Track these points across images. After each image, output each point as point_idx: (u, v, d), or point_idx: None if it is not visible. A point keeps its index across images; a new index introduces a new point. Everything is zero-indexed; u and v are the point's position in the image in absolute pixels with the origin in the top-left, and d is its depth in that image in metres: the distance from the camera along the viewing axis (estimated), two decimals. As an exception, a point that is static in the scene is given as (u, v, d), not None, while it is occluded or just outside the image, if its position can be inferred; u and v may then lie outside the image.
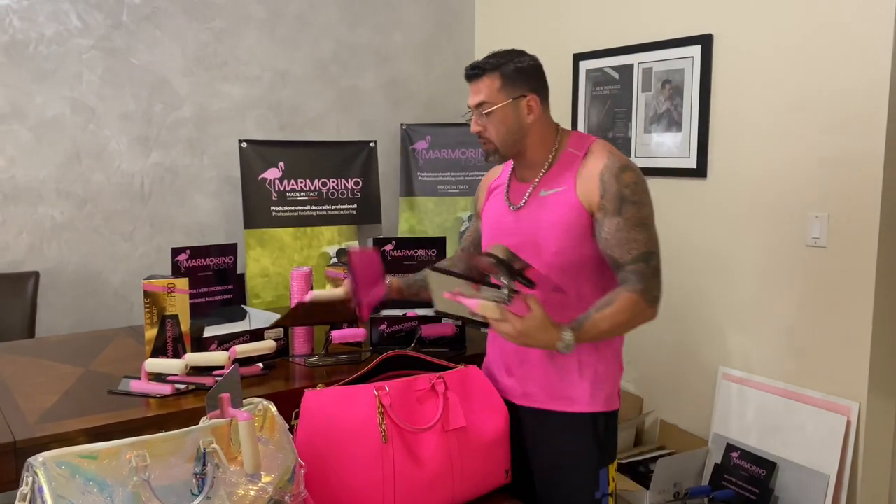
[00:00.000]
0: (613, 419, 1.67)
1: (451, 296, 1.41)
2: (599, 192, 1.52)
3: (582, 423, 1.61)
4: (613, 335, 1.55)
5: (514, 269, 1.38)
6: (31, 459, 1.06)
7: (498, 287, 1.42)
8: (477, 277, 1.47)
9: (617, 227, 1.51)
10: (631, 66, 2.95)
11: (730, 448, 2.57)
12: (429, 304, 1.66)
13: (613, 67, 3.03)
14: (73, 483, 1.06)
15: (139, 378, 1.64)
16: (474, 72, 1.60)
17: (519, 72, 1.59)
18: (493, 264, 1.38)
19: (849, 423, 2.28)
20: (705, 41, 2.66)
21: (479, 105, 1.59)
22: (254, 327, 1.90)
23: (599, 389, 1.62)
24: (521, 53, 1.61)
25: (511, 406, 1.66)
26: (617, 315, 1.48)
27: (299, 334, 1.96)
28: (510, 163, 1.71)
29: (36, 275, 2.77)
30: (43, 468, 1.05)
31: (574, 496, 1.62)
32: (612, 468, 1.67)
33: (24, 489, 1.06)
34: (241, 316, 2.06)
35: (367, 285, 1.69)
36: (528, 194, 1.61)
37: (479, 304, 1.39)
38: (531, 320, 1.40)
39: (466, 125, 1.72)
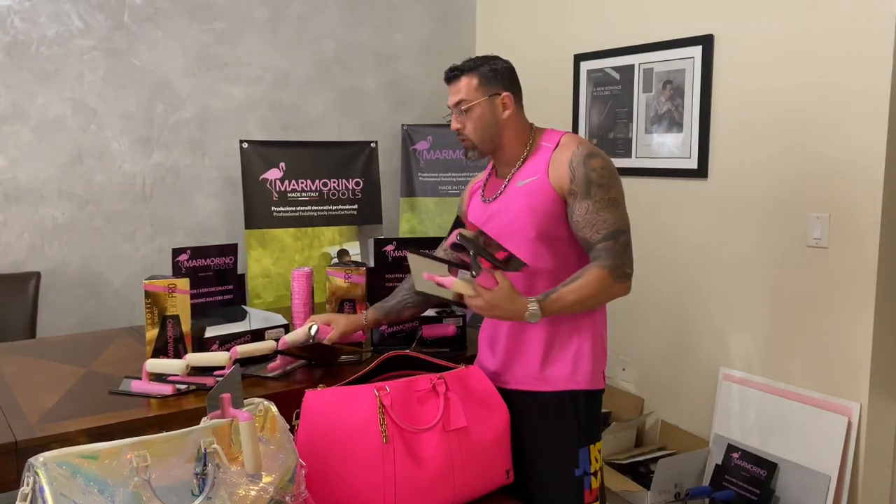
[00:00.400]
0: (595, 399, 1.72)
1: (429, 276, 1.52)
2: (569, 178, 1.62)
3: (561, 403, 1.67)
4: (582, 308, 1.62)
5: (480, 246, 1.47)
6: (31, 459, 1.07)
7: (468, 267, 1.53)
8: (455, 261, 1.57)
9: (587, 209, 1.61)
10: (632, 67, 2.95)
11: (731, 448, 2.57)
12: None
13: (614, 68, 3.03)
14: (74, 483, 1.06)
15: (140, 378, 1.64)
16: (453, 73, 1.73)
17: (494, 72, 1.71)
18: (461, 241, 1.47)
19: (850, 423, 2.28)
20: (706, 42, 2.66)
21: (458, 103, 1.71)
22: (254, 327, 1.90)
23: (579, 369, 1.68)
24: (496, 58, 1.74)
25: (501, 392, 1.69)
26: (584, 288, 1.57)
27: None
28: (490, 167, 1.83)
29: (37, 275, 2.77)
30: (44, 468, 1.05)
31: (553, 474, 1.67)
32: (595, 448, 1.70)
33: (25, 489, 1.06)
34: (242, 316, 2.06)
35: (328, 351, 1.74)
36: (503, 187, 1.72)
37: (452, 282, 1.50)
38: (498, 291, 1.51)
39: None
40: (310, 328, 1.74)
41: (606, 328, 1.76)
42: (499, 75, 1.71)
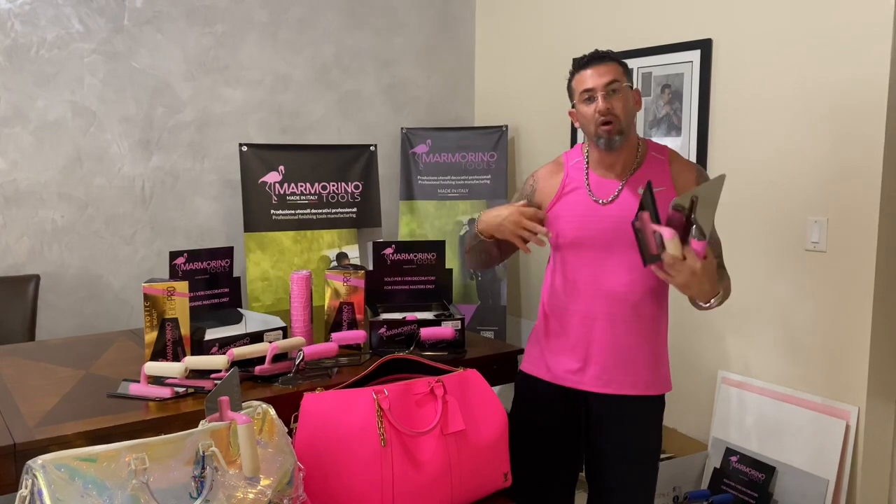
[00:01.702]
0: None
1: (650, 221, 1.46)
2: None
3: (656, 407, 1.76)
4: (712, 307, 1.63)
5: (694, 215, 1.43)
6: (30, 462, 1.07)
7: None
8: (672, 218, 1.49)
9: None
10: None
11: (729, 452, 2.57)
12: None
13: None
14: (73, 486, 1.06)
15: (139, 381, 1.65)
16: (602, 57, 1.67)
17: (626, 69, 1.71)
18: (678, 206, 1.42)
19: (848, 427, 2.28)
20: (705, 46, 2.67)
21: (610, 83, 1.64)
22: (252, 330, 1.90)
23: (665, 372, 1.77)
24: None
25: (577, 394, 1.75)
26: (728, 291, 1.64)
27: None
28: (572, 162, 1.78)
29: (37, 278, 2.77)
30: (42, 471, 1.05)
31: (643, 476, 1.76)
32: None
33: (24, 492, 1.07)
34: (237, 319, 2.07)
35: None
36: (618, 190, 1.69)
37: (671, 234, 1.43)
38: (708, 265, 1.46)
39: (466, 129, 1.75)
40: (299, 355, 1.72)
41: None
42: (628, 71, 1.72)
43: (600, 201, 1.70)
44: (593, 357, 1.72)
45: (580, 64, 1.69)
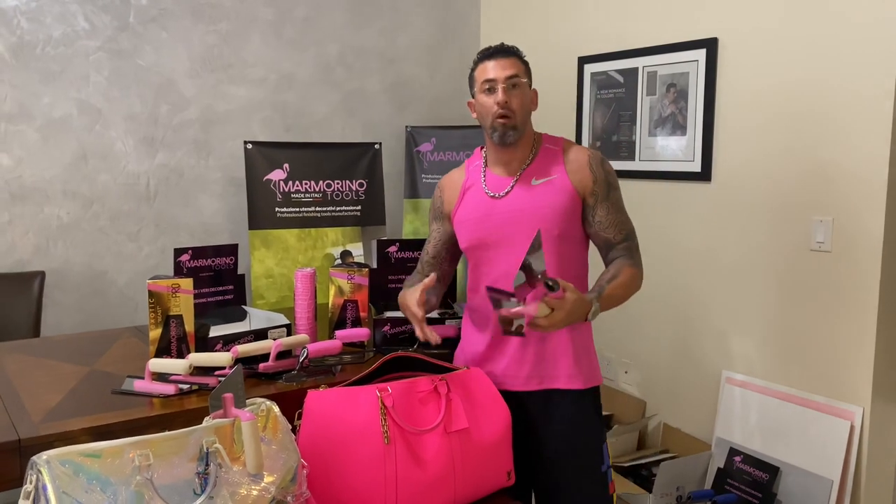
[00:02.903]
0: (599, 394, 1.81)
1: (507, 312, 1.47)
2: (591, 178, 1.69)
3: (592, 399, 1.74)
4: (617, 305, 1.66)
5: (539, 271, 1.47)
6: (35, 457, 1.07)
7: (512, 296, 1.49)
8: (517, 294, 1.51)
9: (608, 210, 1.70)
10: (636, 70, 2.96)
11: (733, 452, 2.57)
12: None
13: (618, 71, 3.03)
14: (77, 481, 1.06)
15: (143, 378, 1.65)
16: (506, 51, 1.70)
17: (528, 67, 1.74)
18: (526, 270, 1.45)
19: (852, 427, 2.27)
20: (710, 45, 2.66)
21: (512, 77, 1.67)
22: (256, 327, 1.91)
23: (594, 365, 1.77)
24: None
25: (511, 395, 1.70)
26: (625, 285, 1.65)
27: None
28: (472, 165, 1.82)
29: (42, 274, 2.78)
30: (47, 466, 1.06)
31: (585, 473, 1.72)
32: (608, 442, 1.79)
33: (28, 487, 1.07)
34: (241, 316, 2.07)
35: None
36: (512, 184, 1.72)
37: (535, 308, 1.46)
38: (571, 299, 1.50)
39: (471, 127, 1.77)
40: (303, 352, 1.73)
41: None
42: (530, 74, 1.74)
43: (495, 195, 1.72)
44: (515, 355, 1.71)
45: (485, 55, 1.71)
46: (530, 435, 1.74)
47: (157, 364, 1.62)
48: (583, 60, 3.19)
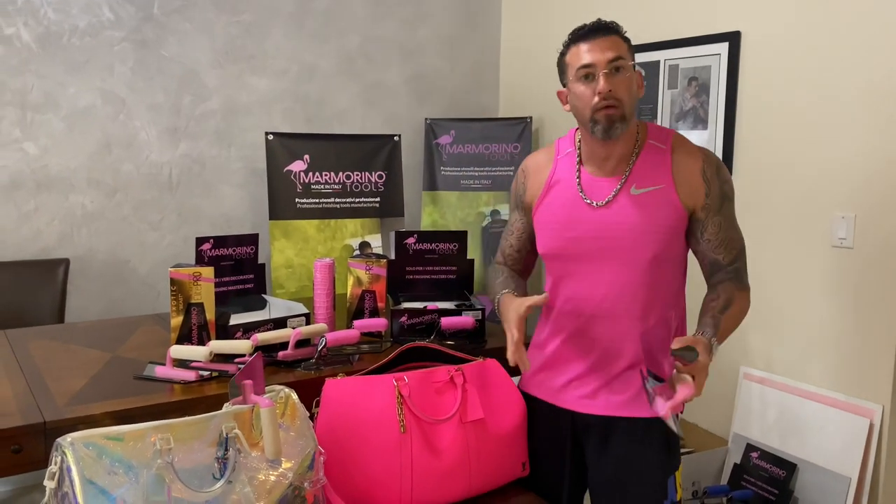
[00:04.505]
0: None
1: (665, 408, 1.34)
2: (704, 192, 1.47)
3: (652, 428, 1.54)
4: (730, 334, 1.47)
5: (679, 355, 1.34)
6: (59, 440, 1.10)
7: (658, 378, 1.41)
8: (659, 376, 1.43)
9: (719, 227, 1.48)
10: (657, 63, 2.94)
11: (750, 448, 2.56)
12: None
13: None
14: (100, 463, 1.09)
15: (164, 364, 1.68)
16: (606, 28, 1.44)
17: (631, 44, 1.47)
18: (680, 354, 1.33)
19: (872, 426, 2.25)
20: (733, 38, 2.64)
21: (614, 60, 1.41)
22: (274, 316, 1.93)
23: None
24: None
25: (570, 415, 1.61)
26: (739, 314, 1.46)
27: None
28: (562, 154, 1.59)
29: (66, 262, 2.83)
30: (71, 448, 1.08)
31: None
32: (679, 474, 1.58)
33: (53, 468, 1.10)
34: (262, 305, 2.09)
35: None
36: (615, 191, 1.49)
37: (690, 394, 1.32)
38: (704, 360, 1.32)
39: (490, 120, 1.69)
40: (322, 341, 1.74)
41: None
42: (633, 53, 1.47)
43: (595, 203, 1.50)
44: (586, 376, 1.58)
45: (578, 35, 1.45)
46: (585, 461, 1.62)
47: (179, 351, 1.65)
48: (604, 53, 3.18)
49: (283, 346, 1.76)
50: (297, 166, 3.19)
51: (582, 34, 1.46)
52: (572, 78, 1.48)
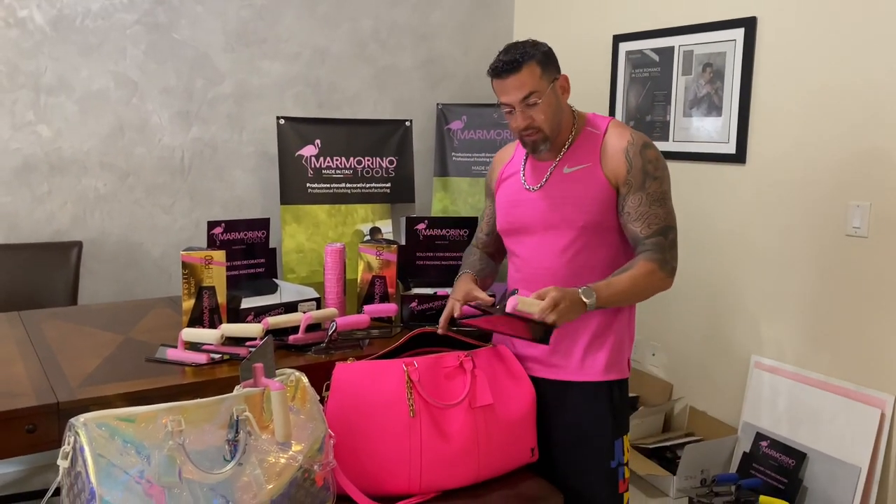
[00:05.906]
0: (626, 388, 1.73)
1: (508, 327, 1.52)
2: (626, 168, 1.60)
3: (599, 393, 1.66)
4: (629, 301, 1.61)
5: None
6: (72, 420, 1.11)
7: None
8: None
9: (639, 202, 1.60)
10: (671, 49, 2.91)
11: (759, 437, 2.55)
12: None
13: (654, 49, 2.99)
14: (112, 444, 1.10)
15: (176, 347, 1.69)
16: (512, 65, 1.55)
17: (547, 56, 1.61)
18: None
19: (883, 415, 2.24)
20: (749, 24, 2.61)
21: (527, 97, 1.57)
22: (287, 300, 1.94)
23: (615, 359, 1.68)
24: (535, 41, 1.61)
25: (534, 381, 1.69)
26: (634, 279, 1.56)
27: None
28: (521, 146, 1.74)
29: (79, 244, 2.85)
30: (84, 428, 1.09)
31: (590, 466, 1.66)
32: (626, 438, 1.70)
33: (66, 448, 1.11)
34: (273, 289, 2.10)
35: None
36: (549, 173, 1.67)
37: (516, 300, 1.46)
38: (553, 292, 1.47)
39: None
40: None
41: (635, 315, 1.76)
42: (551, 58, 1.61)
43: (532, 188, 1.68)
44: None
45: (494, 72, 1.58)
46: (545, 423, 1.71)
47: (190, 334, 1.66)
48: (618, 39, 3.15)
49: (294, 329, 1.77)
50: (309, 151, 3.18)
51: (495, 72, 1.59)
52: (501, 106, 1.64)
